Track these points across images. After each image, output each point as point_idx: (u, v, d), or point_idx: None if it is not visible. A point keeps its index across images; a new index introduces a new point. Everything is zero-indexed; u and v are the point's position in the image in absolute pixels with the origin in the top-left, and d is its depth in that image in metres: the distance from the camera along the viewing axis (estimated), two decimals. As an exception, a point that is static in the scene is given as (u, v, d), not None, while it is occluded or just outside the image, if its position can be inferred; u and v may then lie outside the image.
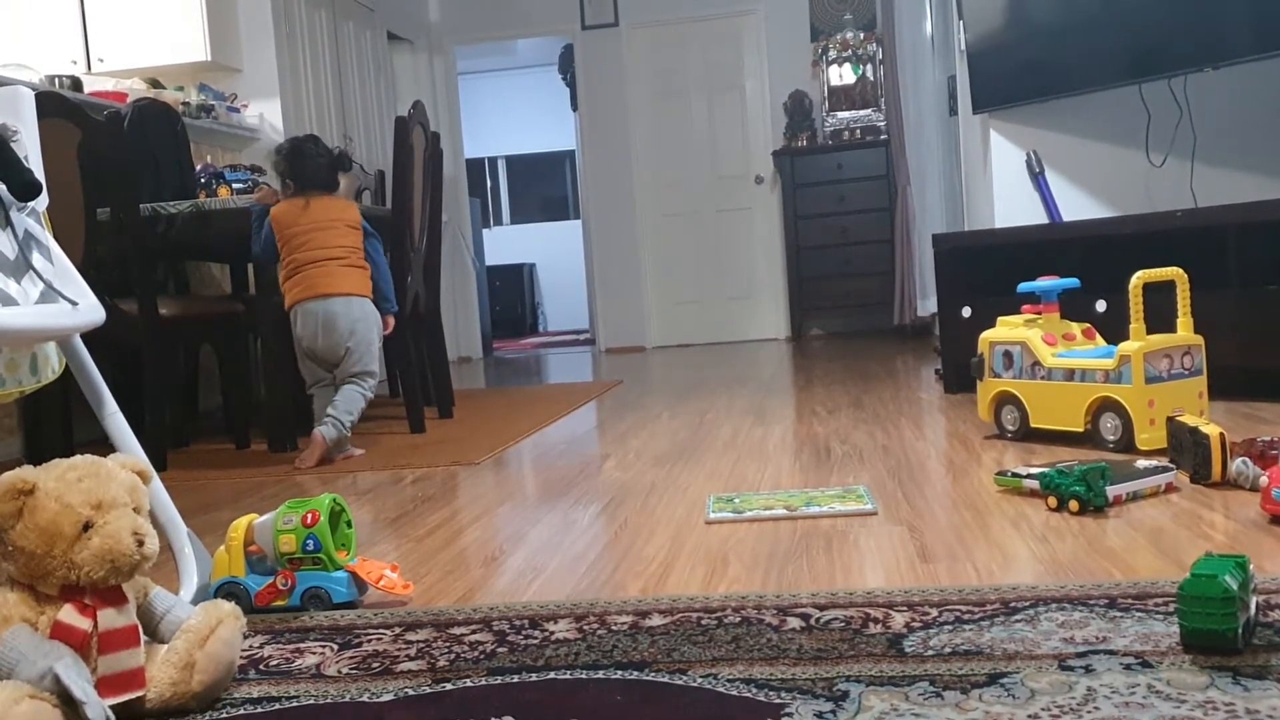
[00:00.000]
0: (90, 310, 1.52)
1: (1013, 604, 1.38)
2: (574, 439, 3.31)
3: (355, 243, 3.19)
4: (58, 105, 3.18)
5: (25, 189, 1.48)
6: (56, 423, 3.38)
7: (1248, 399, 2.95)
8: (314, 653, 1.40)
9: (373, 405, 4.60)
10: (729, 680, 1.18)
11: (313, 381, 3.25)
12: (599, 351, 7.33)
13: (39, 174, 1.56)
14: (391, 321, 3.33)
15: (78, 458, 1.20)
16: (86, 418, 1.64)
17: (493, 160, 10.99)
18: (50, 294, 1.48)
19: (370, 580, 1.60)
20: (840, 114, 6.91)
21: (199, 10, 4.80)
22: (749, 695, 1.14)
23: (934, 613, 1.36)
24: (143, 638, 1.19)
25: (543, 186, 11.11)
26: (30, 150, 1.58)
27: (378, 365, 3.23)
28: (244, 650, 1.40)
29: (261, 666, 1.36)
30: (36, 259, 1.50)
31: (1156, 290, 2.41)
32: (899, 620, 1.34)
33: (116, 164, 3.23)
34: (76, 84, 4.23)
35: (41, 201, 1.55)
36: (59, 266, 1.54)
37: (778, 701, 1.12)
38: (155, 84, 4.69)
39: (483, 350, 7.59)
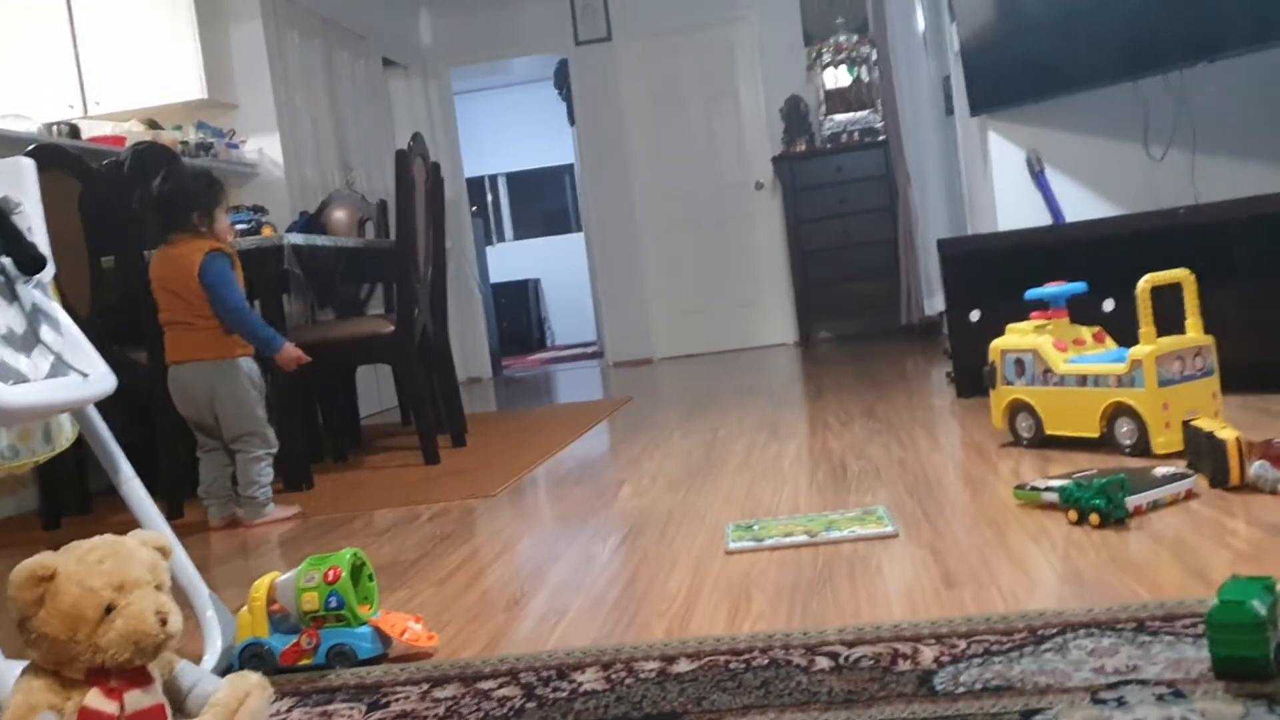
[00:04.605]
0: (101, 380, 1.52)
1: (1041, 632, 1.37)
2: (588, 464, 3.30)
3: (195, 300, 2.88)
4: (57, 157, 3.19)
5: (30, 263, 1.48)
6: (71, 472, 3.39)
7: (1261, 392, 2.93)
8: (343, 715, 1.39)
9: (386, 435, 4.63)
10: (760, 730, 1.18)
11: (199, 444, 3.01)
12: (607, 365, 7.32)
13: (43, 244, 1.57)
14: (287, 355, 2.99)
15: (97, 538, 1.20)
16: (102, 467, 1.64)
17: (492, 178, 11.00)
18: (60, 366, 1.48)
19: (394, 634, 1.60)
20: (837, 116, 6.90)
21: (193, 48, 4.80)
22: (781, 746, 1.13)
23: (962, 645, 1.36)
24: (170, 715, 1.19)
25: (543, 201, 11.12)
26: (34, 221, 1.58)
27: (258, 423, 2.94)
28: (272, 714, 1.39)
29: (290, 732, 1.36)
30: (45, 332, 1.50)
31: (1165, 288, 2.39)
32: (928, 655, 1.34)
33: (118, 212, 3.23)
34: (74, 131, 4.25)
35: (47, 272, 1.56)
36: (68, 337, 1.54)
37: (810, 752, 1.11)
38: (153, 125, 4.70)
39: (492, 369, 7.58)
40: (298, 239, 3.47)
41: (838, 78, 6.92)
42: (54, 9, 4.73)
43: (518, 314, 10.33)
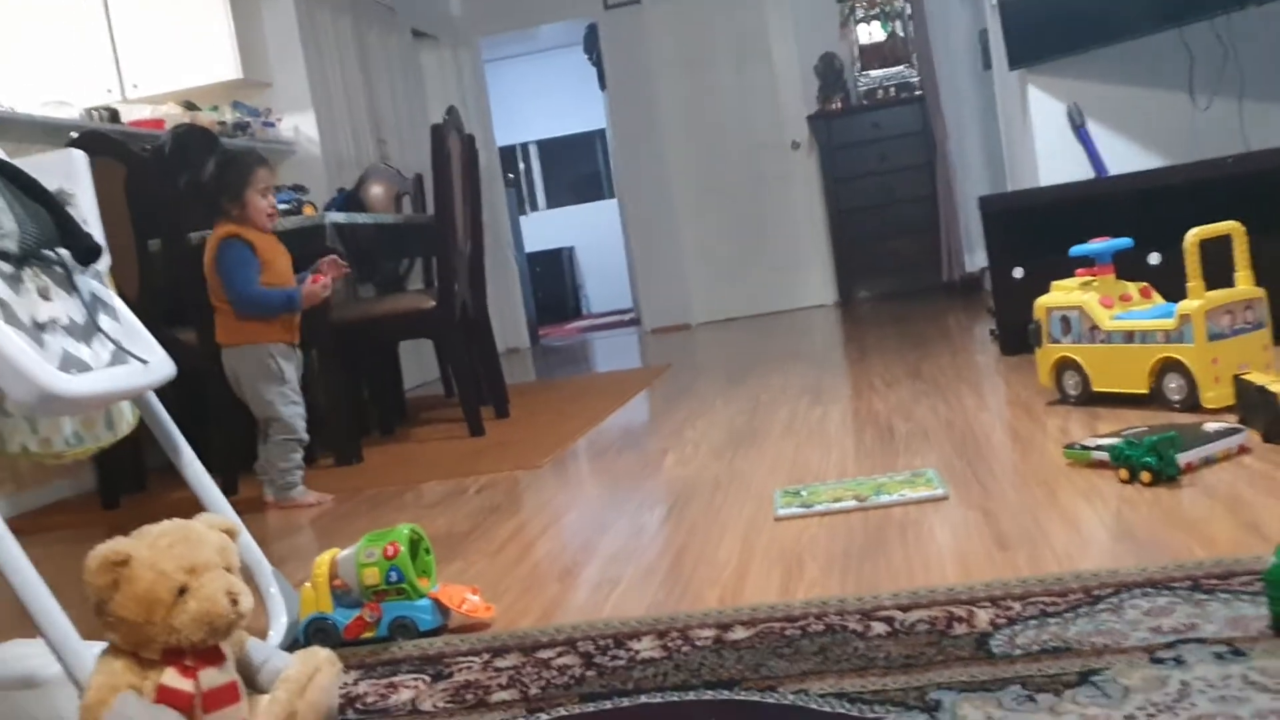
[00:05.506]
0: (161, 366, 1.56)
1: (1096, 592, 1.37)
2: (630, 433, 3.32)
3: (216, 286, 2.92)
4: (101, 143, 3.23)
5: (87, 254, 1.51)
6: (127, 450, 3.46)
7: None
8: (408, 686, 1.43)
9: (430, 407, 4.68)
10: (820, 695, 1.19)
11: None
12: (644, 332, 7.32)
13: (98, 235, 1.60)
14: (312, 292, 2.95)
15: (166, 523, 1.23)
16: (157, 443, 1.68)
17: (524, 146, 10.98)
18: (121, 355, 1.51)
19: (453, 606, 1.63)
20: (872, 72, 6.82)
21: (227, 28, 4.82)
22: (843, 710, 1.15)
23: (1017, 607, 1.36)
24: (243, 691, 1.23)
25: (575, 168, 11.08)
26: (88, 212, 1.61)
27: (272, 408, 2.90)
28: (339, 687, 1.43)
29: (359, 705, 1.39)
30: (104, 320, 1.53)
31: (1213, 239, 2.35)
32: (983, 618, 1.34)
33: (162, 196, 3.28)
34: (114, 115, 4.29)
35: (104, 262, 1.59)
36: (126, 325, 1.58)
37: (872, 716, 1.12)
38: (190, 106, 4.74)
39: (530, 339, 7.62)
40: (339, 218, 3.50)
41: (872, 33, 6.83)
42: (89, -6, 4.78)
43: (552, 283, 10.34)
